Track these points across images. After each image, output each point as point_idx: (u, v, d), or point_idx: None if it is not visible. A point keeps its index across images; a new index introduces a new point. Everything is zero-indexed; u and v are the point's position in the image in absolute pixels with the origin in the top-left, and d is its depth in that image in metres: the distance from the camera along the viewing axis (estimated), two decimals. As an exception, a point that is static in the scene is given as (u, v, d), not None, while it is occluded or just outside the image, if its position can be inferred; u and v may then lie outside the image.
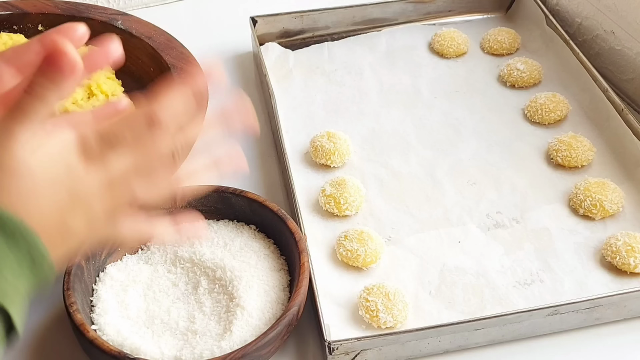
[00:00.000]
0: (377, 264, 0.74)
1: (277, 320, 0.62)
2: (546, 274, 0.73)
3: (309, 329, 0.70)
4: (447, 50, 1.01)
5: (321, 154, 0.84)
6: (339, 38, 1.05)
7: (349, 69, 1.00)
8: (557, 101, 0.90)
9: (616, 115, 0.87)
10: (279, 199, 0.83)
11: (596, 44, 1.00)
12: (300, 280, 0.65)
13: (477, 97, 0.95)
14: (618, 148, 0.85)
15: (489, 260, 0.74)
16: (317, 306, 0.67)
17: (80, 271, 0.66)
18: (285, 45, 1.02)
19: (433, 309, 0.70)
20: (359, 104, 0.94)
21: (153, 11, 1.15)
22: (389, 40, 1.04)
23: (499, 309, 0.69)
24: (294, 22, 1.03)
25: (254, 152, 0.90)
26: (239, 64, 1.04)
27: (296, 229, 0.70)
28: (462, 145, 0.88)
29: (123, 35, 0.95)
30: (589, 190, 0.78)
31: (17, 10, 0.97)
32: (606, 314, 0.69)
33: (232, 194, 0.74)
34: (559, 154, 0.84)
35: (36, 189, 0.42)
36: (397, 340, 0.65)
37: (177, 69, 0.88)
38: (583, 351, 0.69)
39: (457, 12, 1.08)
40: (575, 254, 0.75)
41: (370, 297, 0.67)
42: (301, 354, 0.68)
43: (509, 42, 1.02)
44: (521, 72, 0.96)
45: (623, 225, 0.77)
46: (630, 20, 0.93)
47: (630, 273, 0.72)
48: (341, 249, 0.73)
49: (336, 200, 0.78)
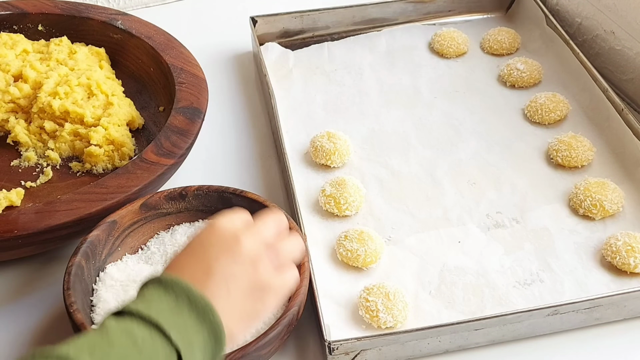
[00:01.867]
0: (377, 264, 0.74)
1: (277, 320, 0.62)
2: (546, 274, 0.73)
3: (309, 329, 0.70)
4: (447, 50, 1.01)
5: (321, 154, 0.84)
6: (339, 38, 1.05)
7: (349, 69, 1.00)
8: (557, 101, 0.90)
9: (616, 115, 0.87)
10: (279, 199, 0.83)
11: (596, 44, 1.00)
12: (300, 280, 0.65)
13: (477, 97, 0.95)
14: (618, 148, 0.85)
15: (489, 260, 0.74)
16: (317, 306, 0.67)
17: (81, 271, 0.66)
18: (285, 45, 1.02)
19: (433, 309, 0.70)
20: (359, 104, 0.94)
21: (153, 11, 1.15)
22: (389, 40, 1.04)
23: (499, 309, 0.69)
24: (294, 22, 1.03)
25: (254, 152, 0.90)
26: (239, 64, 1.04)
27: (296, 229, 0.70)
28: (462, 145, 0.88)
29: (123, 35, 0.95)
30: (589, 190, 0.78)
31: (17, 10, 0.97)
32: (606, 314, 0.69)
33: (232, 194, 0.74)
34: (559, 154, 0.84)
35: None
36: (397, 340, 0.65)
37: (177, 68, 0.88)
38: (583, 351, 0.69)
39: (457, 12, 1.08)
40: (575, 254, 0.75)
41: (370, 297, 0.67)
42: (301, 354, 0.68)
43: (509, 42, 1.02)
44: (521, 72, 0.96)
45: (623, 225, 0.77)
46: (630, 20, 0.93)
47: (630, 273, 0.72)
48: (341, 249, 0.73)
49: (336, 200, 0.78)
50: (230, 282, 0.53)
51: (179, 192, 0.74)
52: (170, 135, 0.79)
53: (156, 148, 0.77)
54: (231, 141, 0.92)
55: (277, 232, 0.59)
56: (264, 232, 0.57)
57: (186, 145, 0.79)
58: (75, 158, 0.85)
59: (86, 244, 0.68)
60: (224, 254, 0.53)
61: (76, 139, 0.84)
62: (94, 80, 0.87)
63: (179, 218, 0.75)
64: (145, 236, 0.74)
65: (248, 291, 0.53)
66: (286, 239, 0.59)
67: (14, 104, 0.87)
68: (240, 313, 0.53)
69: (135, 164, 0.76)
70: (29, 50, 0.92)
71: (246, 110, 0.97)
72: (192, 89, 0.85)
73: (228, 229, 0.55)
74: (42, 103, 0.84)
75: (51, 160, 0.84)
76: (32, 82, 0.87)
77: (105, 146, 0.83)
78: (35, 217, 0.70)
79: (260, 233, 0.57)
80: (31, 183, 0.81)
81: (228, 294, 0.52)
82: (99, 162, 0.83)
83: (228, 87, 1.00)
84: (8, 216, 0.71)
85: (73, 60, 0.91)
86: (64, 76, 0.88)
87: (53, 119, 0.85)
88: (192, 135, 0.80)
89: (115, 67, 0.95)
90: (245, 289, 0.53)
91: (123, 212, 0.71)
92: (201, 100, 0.84)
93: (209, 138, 0.90)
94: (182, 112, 0.82)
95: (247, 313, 0.54)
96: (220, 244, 0.54)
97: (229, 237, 0.55)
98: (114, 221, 0.70)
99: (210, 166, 0.88)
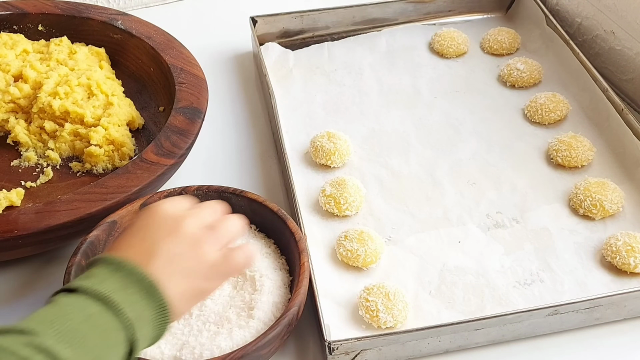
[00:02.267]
0: (377, 264, 0.74)
1: (277, 320, 0.62)
2: (546, 273, 0.73)
3: (309, 329, 0.70)
4: (447, 50, 1.01)
5: (321, 154, 0.84)
6: (339, 38, 1.05)
7: (349, 69, 1.00)
8: (557, 101, 0.90)
9: (616, 115, 0.87)
10: (279, 199, 0.83)
11: (596, 44, 1.00)
12: (300, 280, 0.65)
13: (477, 97, 0.95)
14: (618, 148, 0.85)
15: (489, 260, 0.74)
16: (317, 306, 0.67)
17: (80, 271, 0.66)
18: (285, 45, 1.02)
19: (433, 309, 0.70)
20: (359, 104, 0.94)
21: (153, 11, 1.15)
22: (389, 40, 1.04)
23: (499, 309, 0.69)
24: (294, 22, 1.03)
25: (254, 152, 0.90)
26: (239, 64, 1.04)
27: (296, 229, 0.70)
28: (462, 145, 0.88)
29: (123, 35, 0.95)
30: (589, 190, 0.78)
31: (17, 10, 0.97)
32: (606, 314, 0.69)
33: (232, 194, 0.73)
34: (559, 154, 0.84)
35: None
36: (397, 340, 0.65)
37: (177, 68, 0.88)
38: (583, 351, 0.69)
39: (457, 12, 1.08)
40: (575, 254, 0.75)
41: (370, 297, 0.67)
42: (301, 354, 0.68)
43: (509, 42, 1.02)
44: (521, 72, 0.96)
45: (623, 225, 0.77)
46: (630, 20, 0.93)
47: (630, 273, 0.72)
48: (341, 249, 0.73)
49: (336, 200, 0.78)
50: (175, 263, 0.55)
51: (178, 192, 0.74)
52: (170, 135, 0.79)
53: (156, 148, 0.77)
54: (231, 141, 0.92)
55: (218, 216, 0.61)
56: (205, 216, 0.60)
57: (186, 145, 0.79)
58: (76, 158, 0.85)
59: (86, 244, 0.68)
60: (166, 236, 0.56)
61: (76, 139, 0.84)
62: (94, 80, 0.87)
63: (179, 218, 0.75)
64: (145, 236, 0.73)
65: (192, 270, 0.56)
66: (225, 220, 0.61)
67: (14, 104, 0.87)
68: (184, 291, 0.55)
69: (135, 164, 0.76)
70: (29, 50, 0.92)
71: (246, 110, 0.97)
72: (192, 89, 0.85)
73: (169, 213, 0.58)
74: (42, 103, 0.84)
75: (51, 160, 0.84)
76: (32, 82, 0.87)
77: (105, 146, 0.83)
78: (35, 217, 0.70)
79: (201, 216, 0.59)
80: (31, 183, 0.81)
81: (172, 273, 0.55)
82: (99, 162, 0.83)
83: (228, 87, 1.00)
84: (8, 216, 0.71)
85: (73, 60, 0.91)
86: (64, 76, 0.88)
87: (53, 119, 0.85)
88: (192, 135, 0.80)
89: (115, 67, 0.95)
90: (189, 269, 0.56)
91: (123, 212, 0.71)
92: (201, 100, 0.84)
93: (209, 138, 0.90)
94: (182, 112, 0.82)
95: (192, 291, 0.56)
96: (162, 226, 0.57)
97: (170, 220, 0.57)
98: (114, 221, 0.70)
99: (210, 166, 0.88)
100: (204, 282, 0.57)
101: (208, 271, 0.57)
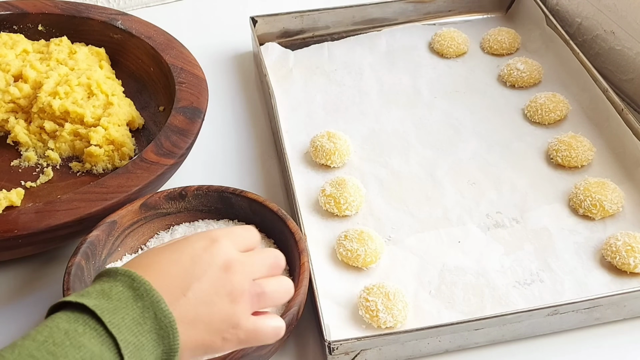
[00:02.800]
0: (377, 264, 0.74)
1: (277, 320, 0.62)
2: (546, 273, 0.73)
3: (309, 329, 0.70)
4: (447, 50, 1.01)
5: (321, 154, 0.84)
6: (339, 38, 1.05)
7: (349, 69, 1.00)
8: (557, 101, 0.90)
9: (616, 115, 0.87)
10: (279, 199, 0.83)
11: (596, 44, 1.00)
12: (300, 280, 0.65)
13: (477, 97, 0.95)
14: (618, 148, 0.85)
15: (489, 260, 0.74)
16: (317, 306, 0.67)
17: (80, 271, 0.66)
18: (285, 45, 1.02)
19: (433, 309, 0.70)
20: (359, 104, 0.94)
21: (153, 11, 1.15)
22: (389, 40, 1.04)
23: (499, 309, 0.69)
24: (294, 22, 1.03)
25: (254, 152, 0.90)
26: (239, 64, 1.04)
27: (296, 229, 0.70)
28: (462, 145, 0.88)
29: (123, 35, 0.95)
30: (588, 190, 0.78)
31: (17, 10, 0.97)
32: (606, 314, 0.69)
33: (232, 194, 0.74)
34: (559, 154, 0.84)
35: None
36: (397, 340, 0.65)
37: (177, 68, 0.88)
38: (583, 351, 0.69)
39: (457, 12, 1.08)
40: (575, 254, 0.75)
41: (370, 297, 0.67)
42: (301, 354, 0.68)
43: (509, 42, 1.02)
44: (521, 72, 0.96)
45: (623, 225, 0.77)
46: (630, 20, 0.93)
47: (630, 273, 0.72)
48: (341, 249, 0.73)
49: (336, 200, 0.78)
50: (202, 311, 0.51)
51: (178, 192, 0.74)
52: (170, 135, 0.79)
53: (156, 148, 0.77)
54: (231, 141, 0.92)
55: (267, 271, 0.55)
56: (255, 270, 0.54)
57: (186, 145, 0.79)
58: (76, 158, 0.85)
59: (86, 244, 0.68)
60: (208, 279, 0.51)
61: (76, 139, 0.84)
62: (94, 80, 0.87)
63: (178, 218, 0.75)
64: (145, 236, 0.74)
65: (216, 326, 0.51)
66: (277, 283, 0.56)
67: (14, 104, 0.87)
68: (197, 343, 0.51)
69: (135, 163, 0.76)
70: (29, 50, 0.92)
71: (246, 110, 0.97)
72: (192, 89, 0.85)
73: (224, 253, 0.53)
74: (42, 103, 0.84)
75: (51, 160, 0.84)
76: (32, 82, 0.87)
77: (105, 146, 0.83)
78: (35, 217, 0.70)
79: (251, 269, 0.54)
80: (31, 183, 0.81)
81: (195, 320, 0.50)
82: (99, 162, 0.83)
83: (228, 87, 1.00)
84: (8, 216, 0.71)
85: (73, 60, 0.91)
86: (64, 76, 0.88)
87: (53, 119, 0.85)
88: (192, 135, 0.80)
89: (115, 67, 0.95)
90: (214, 323, 0.51)
91: (123, 212, 0.71)
92: (201, 100, 0.84)
93: (209, 138, 0.90)
94: (182, 112, 0.82)
95: (205, 347, 0.52)
96: (209, 266, 0.52)
97: (221, 264, 0.52)
98: (113, 221, 0.70)
99: (210, 166, 0.88)
100: (220, 342, 0.52)
101: (229, 332, 0.52)
